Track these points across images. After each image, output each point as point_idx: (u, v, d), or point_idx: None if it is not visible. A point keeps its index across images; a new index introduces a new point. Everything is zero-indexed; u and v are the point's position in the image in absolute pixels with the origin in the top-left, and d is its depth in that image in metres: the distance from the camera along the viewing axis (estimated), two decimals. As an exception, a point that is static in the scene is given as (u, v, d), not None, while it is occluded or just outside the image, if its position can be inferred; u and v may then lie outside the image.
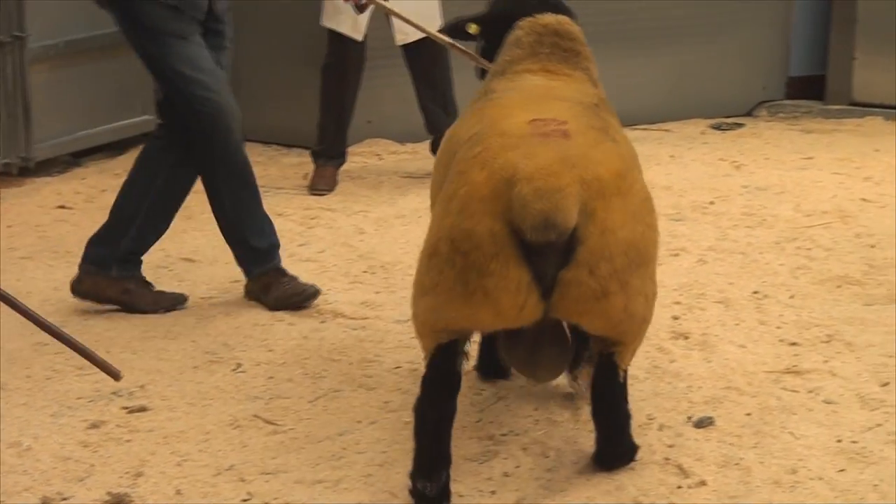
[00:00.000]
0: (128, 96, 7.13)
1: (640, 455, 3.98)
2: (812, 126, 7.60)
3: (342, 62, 6.61)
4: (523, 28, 4.36)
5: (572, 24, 4.41)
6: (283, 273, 5.16)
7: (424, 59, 6.68)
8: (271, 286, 5.12)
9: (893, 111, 7.60)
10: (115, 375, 3.87)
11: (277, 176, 6.82)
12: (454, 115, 6.77)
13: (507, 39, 4.41)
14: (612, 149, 3.85)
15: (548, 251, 3.62)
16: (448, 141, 4.16)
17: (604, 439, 3.97)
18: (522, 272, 3.64)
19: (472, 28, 4.61)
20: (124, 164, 6.83)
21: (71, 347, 3.88)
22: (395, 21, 6.34)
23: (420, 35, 6.28)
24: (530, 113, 3.92)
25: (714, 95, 7.75)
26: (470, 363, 4.18)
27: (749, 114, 7.82)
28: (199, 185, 5.23)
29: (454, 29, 4.70)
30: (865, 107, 7.70)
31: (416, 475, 3.77)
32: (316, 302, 5.13)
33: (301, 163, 7.04)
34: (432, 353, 3.79)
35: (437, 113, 6.76)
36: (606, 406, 3.93)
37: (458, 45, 4.94)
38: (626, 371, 3.91)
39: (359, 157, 7.13)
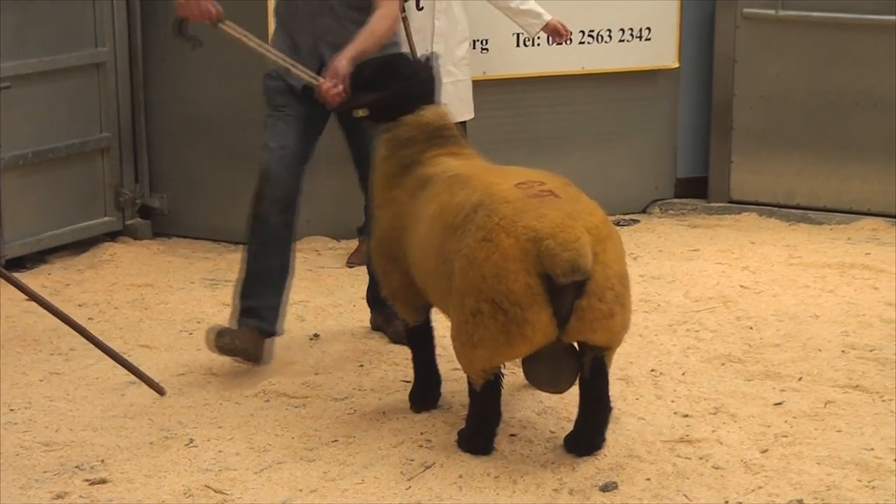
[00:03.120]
0: (91, 200, 7.08)
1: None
2: (697, 221, 7.69)
3: None
4: (411, 126, 4.65)
5: (445, 113, 4.73)
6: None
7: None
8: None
9: (766, 207, 7.72)
10: (160, 391, 4.14)
11: (226, 269, 6.77)
12: None
13: (395, 136, 4.66)
14: (590, 202, 4.33)
15: (568, 289, 4.07)
16: (437, 212, 4.35)
17: (587, 428, 4.38)
18: (549, 311, 4.08)
19: (361, 113, 4.77)
20: (87, 260, 6.79)
21: (118, 361, 4.31)
22: None
23: (463, 117, 6.56)
24: (505, 179, 4.33)
25: (612, 195, 7.80)
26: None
27: (644, 211, 7.89)
28: (150, 277, 5.17)
29: (347, 109, 4.84)
30: (742, 204, 7.80)
31: (484, 443, 4.37)
32: (261, 384, 5.09)
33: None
34: (483, 386, 4.27)
35: None
36: (597, 400, 4.35)
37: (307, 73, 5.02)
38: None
39: (300, 252, 7.10)
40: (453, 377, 4.90)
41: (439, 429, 4.66)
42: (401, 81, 4.70)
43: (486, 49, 7.24)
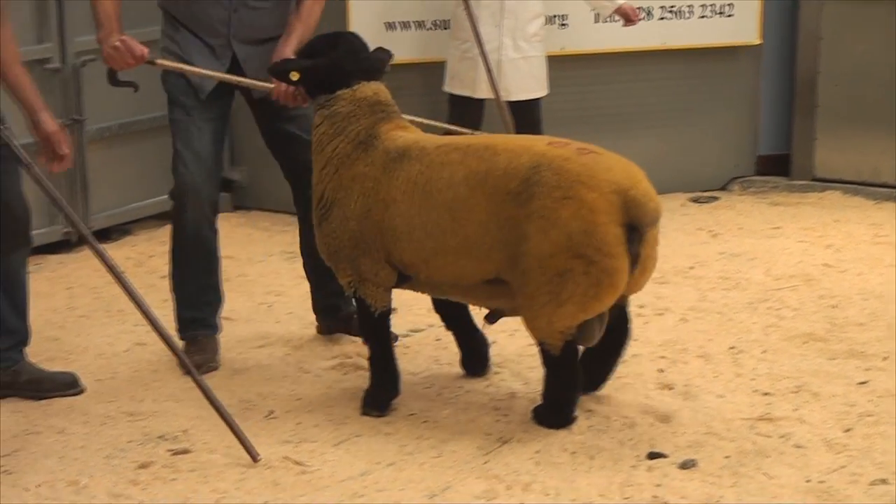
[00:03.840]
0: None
1: (630, 492, 3.95)
2: (779, 199, 7.59)
3: (463, 123, 6.27)
4: (347, 101, 4.51)
5: (384, 90, 4.58)
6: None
7: (527, 118, 6.53)
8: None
9: (850, 186, 7.59)
10: (254, 457, 4.17)
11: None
12: None
13: (333, 113, 4.50)
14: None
15: (639, 237, 4.17)
16: (474, 181, 4.28)
17: (605, 368, 4.56)
18: (627, 259, 4.17)
19: (294, 76, 4.58)
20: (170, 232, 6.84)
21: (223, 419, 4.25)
22: (509, 79, 6.35)
23: (535, 94, 6.49)
24: (530, 142, 4.37)
25: (692, 172, 7.75)
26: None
27: (723, 188, 7.81)
28: (230, 250, 5.22)
29: (279, 72, 4.63)
30: (826, 182, 7.69)
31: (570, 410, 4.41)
32: (338, 356, 5.11)
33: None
34: (563, 348, 4.28)
35: None
36: (624, 344, 4.55)
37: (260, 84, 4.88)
38: None
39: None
40: (530, 352, 4.88)
41: (516, 403, 4.64)
42: (340, 53, 4.56)
43: (566, 24, 7.18)
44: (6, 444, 4.36)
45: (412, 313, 5.56)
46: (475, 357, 4.90)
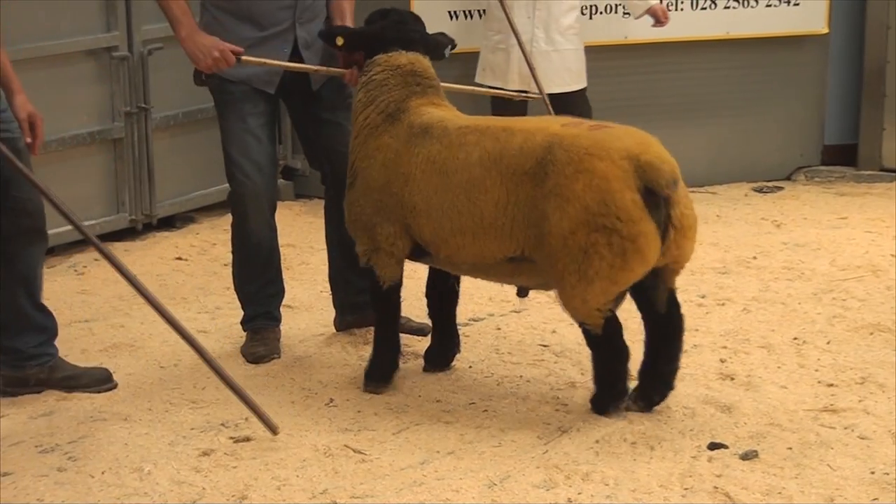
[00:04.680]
0: (237, 162, 7.18)
1: (691, 483, 3.92)
2: (845, 189, 7.49)
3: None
4: (382, 66, 4.58)
5: (421, 62, 4.61)
6: None
7: (569, 112, 6.51)
8: None
9: (920, 176, 7.50)
10: (274, 429, 4.15)
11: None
12: None
13: (369, 80, 4.58)
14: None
15: (662, 201, 4.14)
16: (489, 161, 4.30)
17: (667, 367, 4.38)
18: (653, 224, 4.13)
19: (339, 41, 4.67)
20: (233, 221, 6.89)
21: (238, 396, 4.22)
22: (541, 72, 6.32)
23: (570, 87, 6.43)
24: (546, 123, 4.38)
25: (756, 161, 7.68)
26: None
27: (788, 178, 7.72)
28: (291, 238, 5.24)
29: (326, 34, 4.74)
30: (894, 172, 7.58)
31: (623, 387, 4.37)
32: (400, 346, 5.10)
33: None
34: (604, 326, 4.24)
35: None
36: (679, 332, 4.39)
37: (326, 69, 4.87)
38: None
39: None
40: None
41: (576, 393, 4.61)
42: (386, 23, 4.64)
43: (628, 13, 7.11)
44: (72, 430, 4.41)
45: (473, 302, 5.55)
46: (440, 354, 4.87)
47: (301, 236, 6.69)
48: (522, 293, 4.85)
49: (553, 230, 4.18)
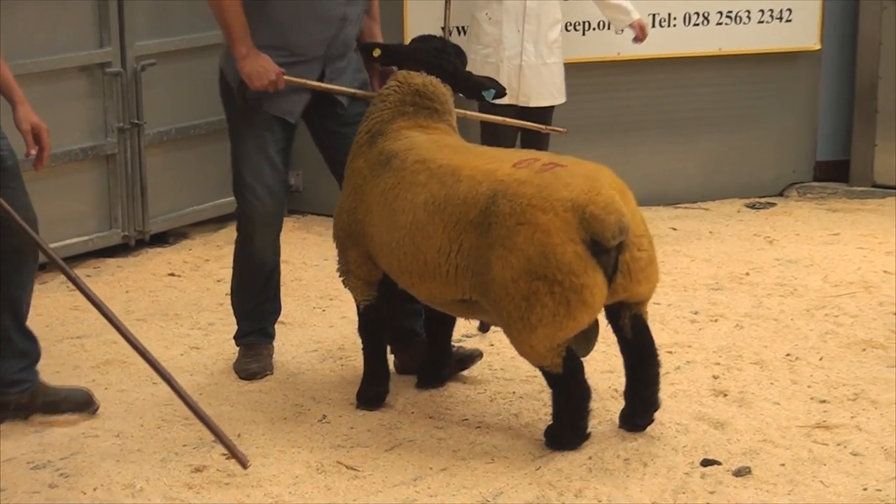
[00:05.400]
0: (229, 176, 7.14)
1: (684, 499, 3.92)
2: (838, 206, 7.50)
3: (498, 132, 6.14)
4: (395, 82, 4.63)
5: (437, 86, 4.62)
6: None
7: (549, 123, 6.38)
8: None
9: (912, 192, 7.51)
10: (244, 463, 3.97)
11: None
12: None
13: (381, 94, 4.64)
14: (590, 162, 4.26)
15: (613, 249, 4.05)
16: (433, 207, 4.26)
17: (646, 391, 4.29)
18: (600, 273, 4.05)
19: (376, 52, 4.75)
20: (226, 236, 6.88)
21: (207, 427, 4.02)
22: (531, 86, 6.30)
23: (556, 101, 6.40)
24: (496, 163, 4.26)
25: (749, 178, 7.69)
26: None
27: (780, 194, 7.73)
28: (285, 254, 5.23)
29: (364, 46, 4.81)
30: (886, 188, 7.60)
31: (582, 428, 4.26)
32: (393, 362, 5.09)
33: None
34: (562, 366, 4.14)
35: None
36: (650, 357, 4.28)
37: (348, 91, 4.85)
38: None
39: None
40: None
41: (570, 410, 4.62)
42: (424, 45, 4.69)
43: (622, 30, 7.13)
44: (64, 447, 4.40)
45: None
46: (433, 372, 4.85)
47: (294, 252, 6.69)
48: (483, 328, 4.96)
49: (496, 278, 4.10)
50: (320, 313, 5.82)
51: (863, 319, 5.53)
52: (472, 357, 4.98)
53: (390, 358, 4.90)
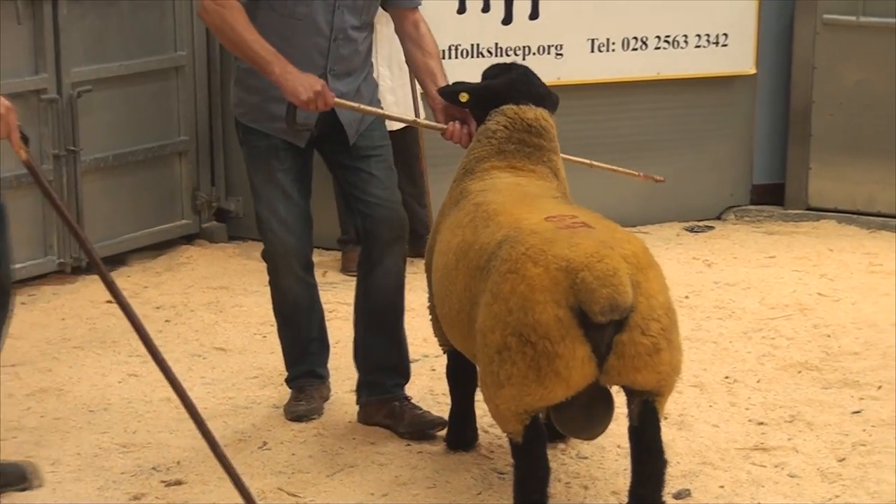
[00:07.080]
0: (168, 203, 7.17)
1: (624, 524, 3.94)
2: (774, 228, 7.60)
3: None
4: (505, 118, 4.35)
5: (548, 119, 4.41)
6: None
7: (407, 153, 6.45)
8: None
9: (845, 215, 7.61)
10: None
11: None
12: (425, 209, 6.69)
13: (486, 128, 4.38)
14: (627, 231, 3.91)
15: (607, 325, 3.65)
16: (460, 251, 4.05)
17: (643, 486, 3.84)
18: (585, 347, 3.65)
19: (464, 97, 4.47)
20: (165, 263, 6.86)
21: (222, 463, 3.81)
22: (393, 107, 6.19)
23: (402, 126, 6.00)
24: (535, 213, 3.95)
25: (687, 201, 7.77)
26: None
27: (718, 217, 7.82)
28: (224, 280, 5.21)
29: (448, 93, 4.53)
30: (820, 211, 7.71)
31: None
32: (335, 388, 5.09)
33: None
34: (522, 435, 3.78)
35: (415, 208, 6.54)
36: (650, 452, 3.84)
37: (423, 122, 4.74)
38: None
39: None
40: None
41: (511, 434, 4.64)
42: (514, 76, 4.46)
43: (561, 54, 7.21)
44: None
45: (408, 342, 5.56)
46: (463, 433, 4.59)
47: (235, 278, 6.68)
48: None
49: (479, 326, 3.85)
50: (261, 339, 5.81)
51: (798, 342, 5.61)
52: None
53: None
